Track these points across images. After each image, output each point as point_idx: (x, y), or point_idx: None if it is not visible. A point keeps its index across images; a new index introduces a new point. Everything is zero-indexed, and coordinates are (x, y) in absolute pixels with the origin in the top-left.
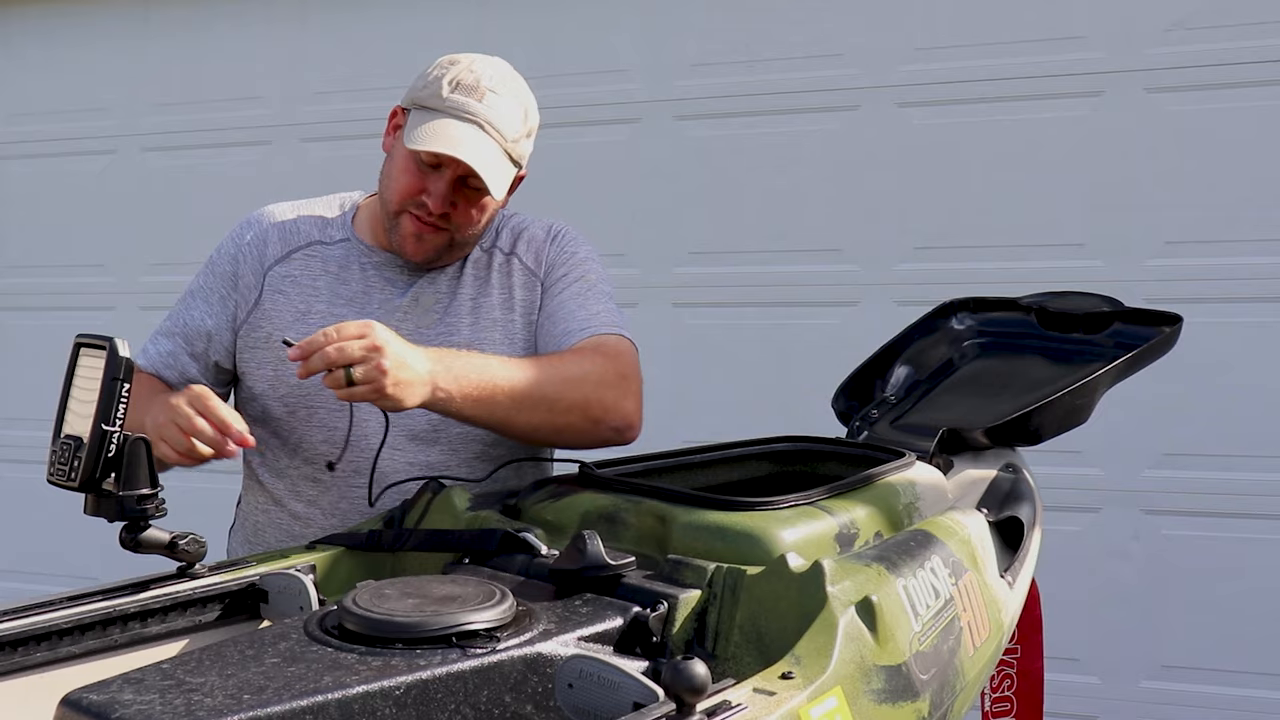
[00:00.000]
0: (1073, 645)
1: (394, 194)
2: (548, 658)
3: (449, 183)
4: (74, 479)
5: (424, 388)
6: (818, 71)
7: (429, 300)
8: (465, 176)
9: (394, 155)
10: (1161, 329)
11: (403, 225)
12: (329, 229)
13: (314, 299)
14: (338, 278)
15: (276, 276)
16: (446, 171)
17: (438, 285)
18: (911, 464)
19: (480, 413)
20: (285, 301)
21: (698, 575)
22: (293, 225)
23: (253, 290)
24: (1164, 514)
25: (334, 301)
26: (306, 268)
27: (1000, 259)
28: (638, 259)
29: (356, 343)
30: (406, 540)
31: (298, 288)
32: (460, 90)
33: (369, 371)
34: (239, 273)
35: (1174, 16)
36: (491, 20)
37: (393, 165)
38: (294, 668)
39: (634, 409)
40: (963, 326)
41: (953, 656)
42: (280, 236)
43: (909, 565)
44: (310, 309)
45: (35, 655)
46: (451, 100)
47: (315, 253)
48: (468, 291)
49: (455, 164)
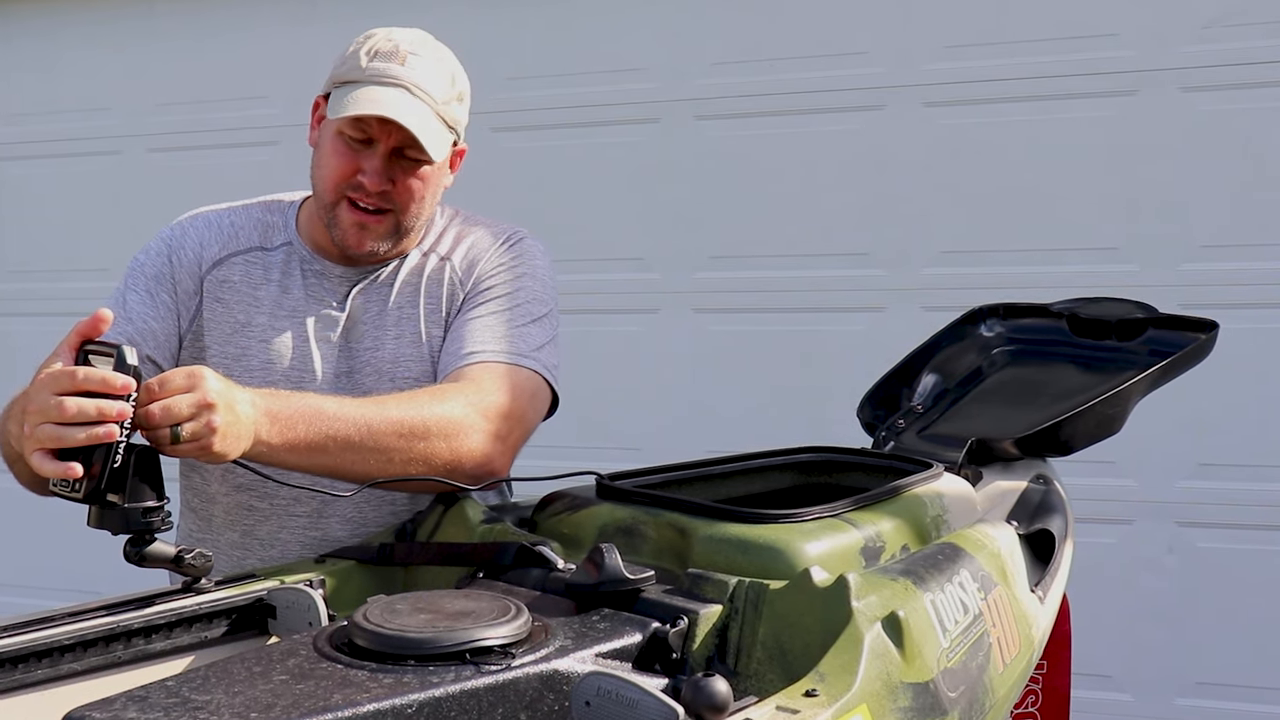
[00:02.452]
0: (1105, 661)
1: (327, 181)
2: (564, 675)
3: (383, 156)
4: (78, 490)
5: (247, 440)
6: (842, 70)
7: (359, 312)
8: (400, 148)
9: (321, 143)
10: (1197, 336)
11: (341, 217)
12: (271, 234)
13: (255, 310)
14: (280, 286)
15: (214, 282)
16: (379, 145)
17: (369, 295)
18: (939, 475)
19: (307, 462)
20: (224, 311)
21: (719, 590)
22: (230, 228)
23: (192, 297)
24: (1199, 526)
25: (275, 314)
26: (247, 275)
27: (1030, 263)
28: (657, 263)
29: (185, 398)
30: (419, 554)
31: (238, 296)
32: (380, 58)
33: (198, 429)
34: (175, 277)
35: (1209, 13)
36: (506, 18)
37: (321, 154)
38: (303, 685)
39: (494, 451)
40: (992, 333)
41: (981, 673)
42: (218, 238)
43: (937, 580)
44: (251, 320)
45: (37, 672)
46: (372, 68)
47: (256, 259)
48: (397, 301)
49: (387, 133)
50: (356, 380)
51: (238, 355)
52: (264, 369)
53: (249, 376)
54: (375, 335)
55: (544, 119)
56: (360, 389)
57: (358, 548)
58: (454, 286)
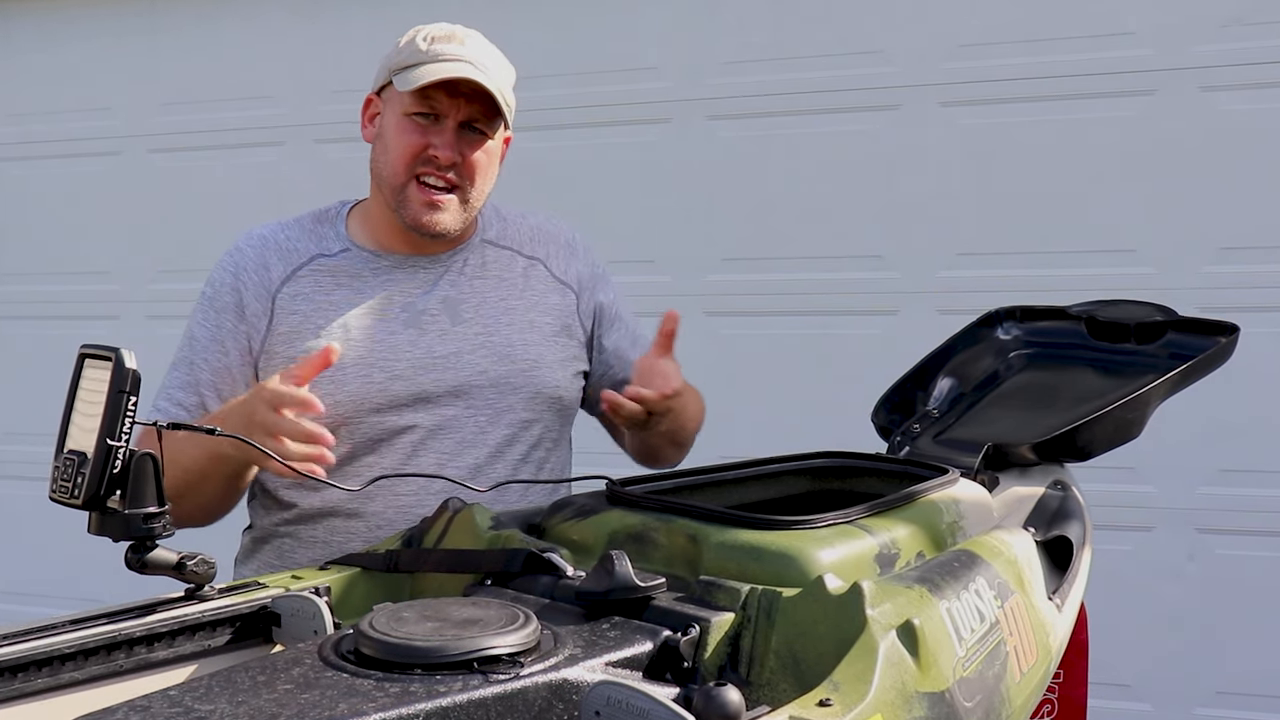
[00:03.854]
0: (1124, 671)
1: (397, 162)
2: (574, 684)
3: (453, 129)
4: (78, 496)
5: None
6: (856, 69)
7: (456, 301)
8: (466, 121)
9: (384, 131)
10: (1217, 339)
11: (411, 197)
12: (326, 242)
13: (333, 313)
14: (352, 288)
15: (286, 297)
16: (448, 120)
17: (460, 287)
18: (955, 481)
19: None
20: (302, 320)
21: (731, 597)
22: (287, 244)
23: (262, 317)
24: (1220, 533)
25: (354, 313)
26: (317, 284)
27: (1048, 265)
28: (668, 266)
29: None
30: (425, 561)
31: (312, 304)
32: (438, 41)
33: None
34: (243, 301)
35: (1229, 12)
36: (515, 15)
37: (386, 140)
38: (308, 694)
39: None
40: (1009, 336)
41: (998, 683)
42: (280, 257)
43: (952, 587)
44: (331, 323)
45: (37, 681)
46: (433, 50)
47: (321, 266)
48: (495, 293)
49: (455, 106)
50: (467, 361)
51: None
52: (355, 364)
53: (342, 374)
54: (483, 322)
55: (554, 119)
56: (470, 369)
57: (363, 555)
58: (557, 284)
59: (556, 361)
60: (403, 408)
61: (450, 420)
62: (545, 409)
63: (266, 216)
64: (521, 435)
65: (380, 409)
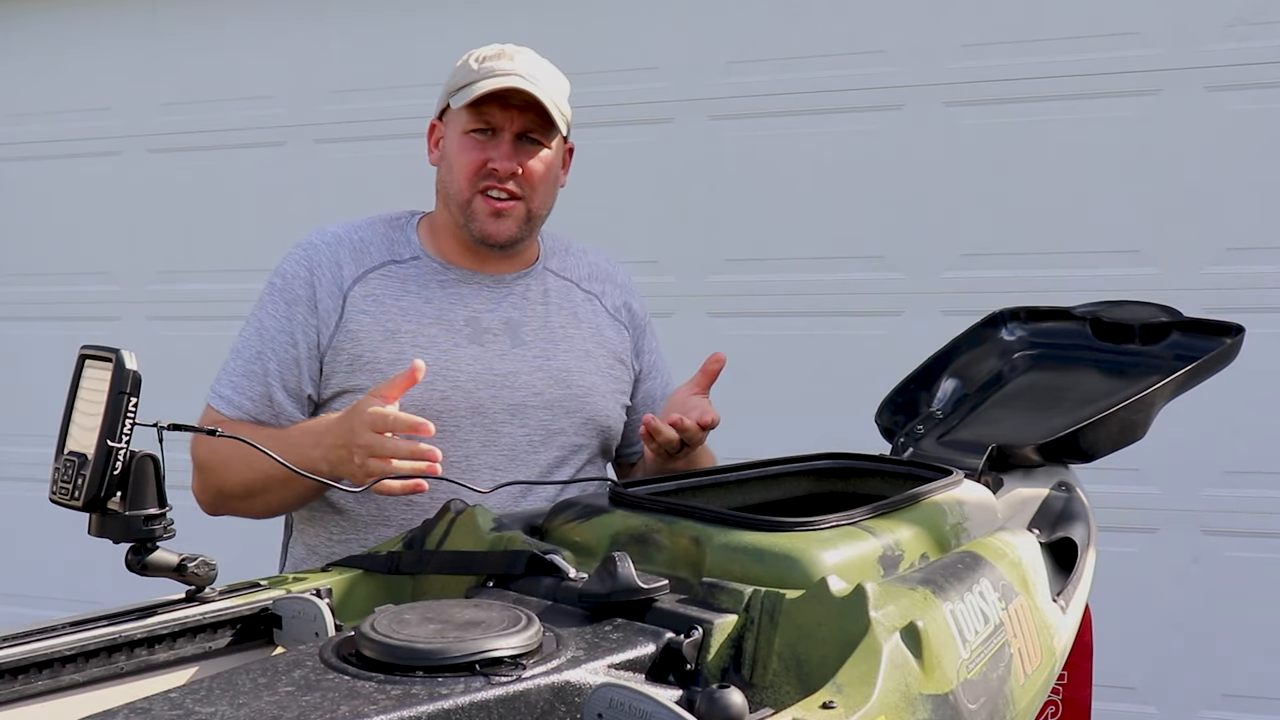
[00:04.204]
0: (1129, 673)
1: (461, 178)
2: (576, 686)
3: (510, 141)
4: (78, 498)
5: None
6: (860, 69)
7: (518, 323)
8: (522, 133)
9: (446, 152)
10: (1222, 340)
11: (477, 208)
12: (397, 248)
13: (401, 318)
14: (420, 296)
15: (358, 296)
16: (504, 133)
17: (523, 310)
18: (959, 482)
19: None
20: (371, 321)
21: (734, 599)
22: (360, 245)
23: (333, 313)
24: (1225, 535)
25: (421, 321)
26: (387, 287)
27: (1052, 266)
28: (671, 266)
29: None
30: (427, 562)
31: (381, 307)
32: (488, 60)
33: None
34: (316, 296)
35: (1236, 10)
36: (517, 14)
37: (448, 159)
38: (309, 697)
39: None
40: (1013, 337)
41: (1002, 685)
42: (353, 257)
43: (957, 589)
44: (399, 328)
45: (36, 683)
46: (484, 68)
47: (391, 272)
48: (556, 319)
49: (510, 119)
50: (524, 381)
51: (391, 360)
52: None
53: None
54: (542, 347)
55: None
56: (526, 390)
57: (365, 556)
58: (611, 319)
59: (609, 392)
60: (460, 419)
61: (504, 438)
62: (594, 435)
63: (268, 217)
64: (570, 459)
65: (439, 417)
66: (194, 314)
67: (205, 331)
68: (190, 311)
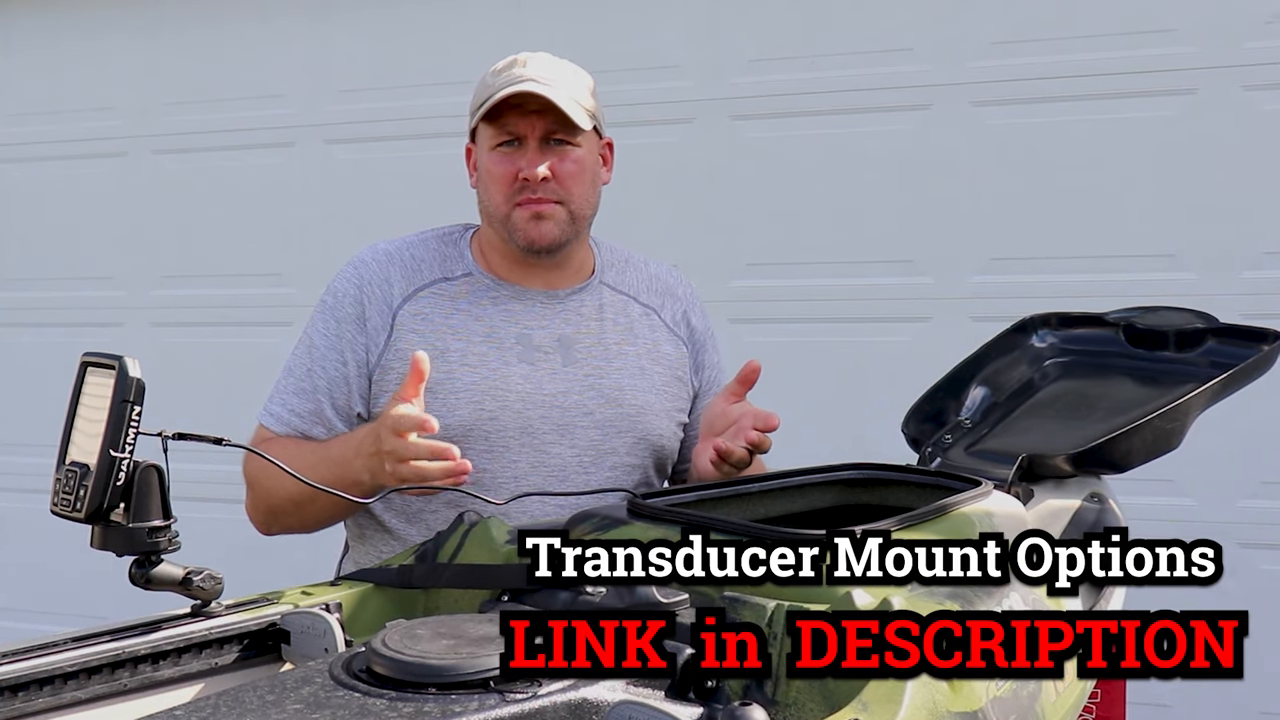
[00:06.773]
0: (1163, 691)
1: (496, 195)
2: (594, 704)
3: (535, 148)
4: (80, 509)
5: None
6: (885, 67)
7: (570, 340)
8: (547, 136)
9: (481, 171)
10: (1259, 347)
11: (516, 217)
12: (450, 265)
13: (451, 336)
14: (470, 314)
15: (407, 315)
16: (529, 141)
17: (576, 326)
18: (988, 493)
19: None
20: (420, 340)
21: (756, 614)
22: (412, 263)
23: (381, 331)
24: (1262, 547)
25: (471, 339)
26: (437, 305)
27: (1084, 271)
28: (691, 270)
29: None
30: (440, 576)
31: (431, 326)
32: (503, 71)
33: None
34: (365, 314)
35: (1273, 8)
36: (533, 12)
37: (483, 178)
38: (318, 714)
39: None
40: (1044, 344)
41: (1033, 702)
42: (403, 275)
43: (985, 603)
44: (449, 346)
45: (37, 700)
46: (498, 81)
47: (442, 290)
48: (610, 336)
49: (530, 125)
50: (574, 401)
51: (440, 380)
52: (469, 390)
53: (455, 399)
54: (594, 364)
55: None
56: (576, 410)
57: (376, 570)
58: (670, 334)
59: (664, 410)
60: (509, 440)
61: (553, 458)
62: (647, 455)
63: (274, 219)
64: (623, 479)
65: (487, 437)
66: (200, 320)
67: (211, 338)
68: (196, 318)
